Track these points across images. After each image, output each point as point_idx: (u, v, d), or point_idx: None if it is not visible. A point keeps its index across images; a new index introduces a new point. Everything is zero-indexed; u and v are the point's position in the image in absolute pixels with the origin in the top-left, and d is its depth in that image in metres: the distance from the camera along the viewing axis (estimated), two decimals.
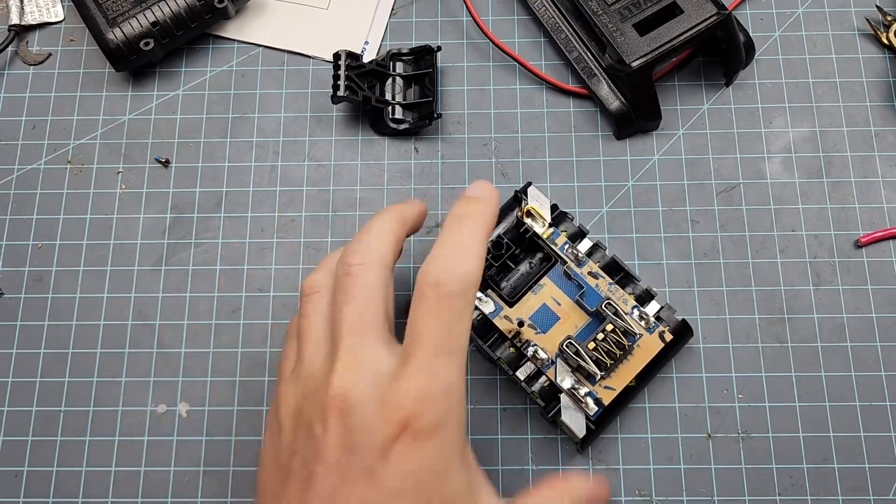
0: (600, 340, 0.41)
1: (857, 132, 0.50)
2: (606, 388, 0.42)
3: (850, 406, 0.44)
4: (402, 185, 0.49)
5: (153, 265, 0.48)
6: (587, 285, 0.44)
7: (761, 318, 0.46)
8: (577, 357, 0.41)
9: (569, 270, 0.44)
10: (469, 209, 0.36)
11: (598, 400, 0.42)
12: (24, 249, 0.48)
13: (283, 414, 0.34)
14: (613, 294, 0.44)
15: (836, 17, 0.52)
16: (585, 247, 0.45)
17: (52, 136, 0.51)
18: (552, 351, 0.43)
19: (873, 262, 0.47)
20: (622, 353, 0.42)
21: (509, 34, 0.53)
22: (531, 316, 0.43)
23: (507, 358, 0.43)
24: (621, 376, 0.42)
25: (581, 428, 0.41)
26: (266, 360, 0.46)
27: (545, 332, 0.43)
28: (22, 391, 0.46)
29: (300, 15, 0.53)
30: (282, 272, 0.48)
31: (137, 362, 0.46)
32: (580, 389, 0.42)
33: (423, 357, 0.31)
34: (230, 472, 0.44)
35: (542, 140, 0.50)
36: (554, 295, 0.44)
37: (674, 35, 0.46)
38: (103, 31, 0.49)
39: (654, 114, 0.49)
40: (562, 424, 0.42)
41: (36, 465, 0.44)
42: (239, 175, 0.50)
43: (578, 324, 0.43)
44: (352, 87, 0.49)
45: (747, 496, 0.43)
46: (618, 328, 0.42)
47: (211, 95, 0.52)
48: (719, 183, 0.49)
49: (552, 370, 0.42)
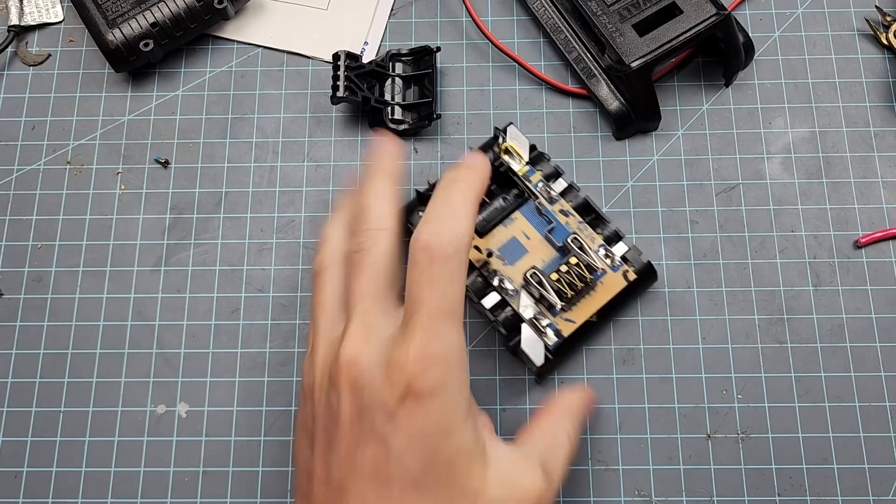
0: (563, 272, 0.43)
1: (857, 132, 0.50)
2: (567, 320, 0.43)
3: (850, 406, 0.44)
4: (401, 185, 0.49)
5: (153, 265, 0.48)
6: (557, 221, 0.45)
7: (761, 319, 0.46)
8: (540, 287, 0.42)
9: (540, 206, 0.45)
10: (460, 174, 0.37)
11: (558, 331, 0.43)
12: (24, 250, 0.48)
13: (306, 384, 0.36)
14: (582, 232, 0.45)
15: (836, 17, 0.52)
16: (560, 187, 0.46)
17: (52, 137, 0.51)
18: (518, 283, 0.44)
19: (873, 262, 0.47)
20: (584, 287, 0.43)
21: (509, 35, 0.53)
22: (500, 248, 0.45)
23: (473, 286, 0.44)
24: (582, 310, 0.44)
25: (539, 357, 0.42)
26: (266, 360, 0.46)
27: (512, 265, 0.44)
28: (22, 391, 0.46)
29: (299, 15, 0.53)
30: (281, 272, 0.48)
31: (137, 362, 0.46)
32: (542, 320, 0.43)
33: (420, 320, 0.33)
34: (230, 473, 0.44)
35: (542, 140, 0.50)
36: (524, 229, 0.45)
37: (673, 35, 0.46)
38: (103, 32, 0.49)
39: (654, 114, 0.49)
40: (521, 354, 0.43)
41: (36, 466, 0.44)
42: (238, 175, 0.50)
43: (545, 258, 0.45)
44: (351, 87, 0.49)
45: (747, 496, 0.43)
46: (582, 262, 0.43)
47: (210, 96, 0.52)
48: (719, 183, 0.49)
49: (516, 300, 0.43)
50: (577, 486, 0.43)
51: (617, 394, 0.45)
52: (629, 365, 0.45)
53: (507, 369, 0.45)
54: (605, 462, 0.44)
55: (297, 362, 0.46)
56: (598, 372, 0.45)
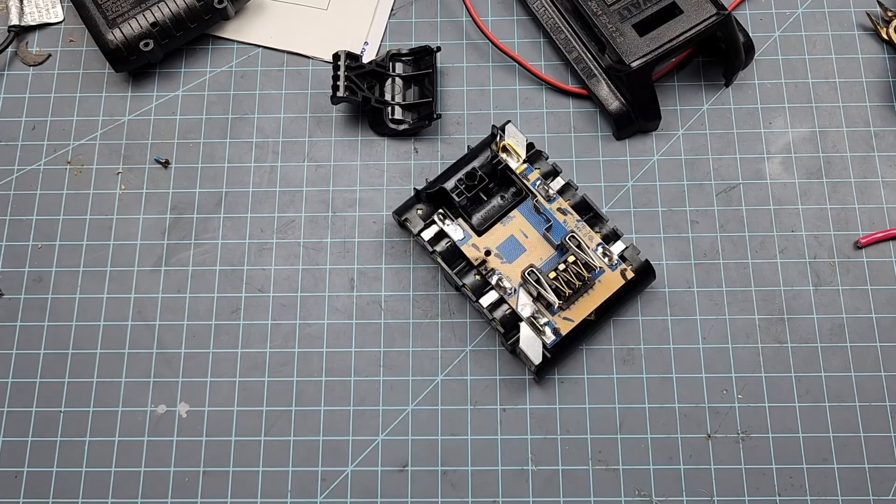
0: (561, 271, 0.43)
1: (857, 132, 0.50)
2: (565, 318, 0.43)
3: (850, 406, 0.44)
4: (401, 185, 0.49)
5: (153, 266, 0.48)
6: (555, 220, 0.45)
7: (761, 319, 0.46)
8: (538, 285, 0.42)
9: (538, 205, 0.45)
10: None
11: (556, 330, 0.43)
12: (24, 250, 0.48)
13: None
14: (580, 230, 0.45)
15: (836, 17, 0.52)
16: (558, 185, 0.46)
17: (52, 137, 0.51)
18: (516, 281, 0.44)
19: (873, 262, 0.47)
20: (581, 285, 0.43)
21: (509, 35, 0.53)
22: (498, 246, 0.45)
23: (472, 285, 0.44)
24: (580, 309, 0.44)
25: (538, 355, 0.42)
26: (266, 360, 0.46)
27: (510, 263, 0.45)
28: (22, 391, 0.46)
29: (300, 15, 0.53)
30: (281, 272, 0.48)
31: (137, 362, 0.46)
32: (540, 319, 0.43)
33: None
34: (230, 472, 0.44)
35: (542, 140, 0.50)
36: (522, 227, 0.45)
37: (673, 35, 0.46)
38: (103, 32, 0.49)
39: (654, 114, 0.49)
40: (520, 352, 0.43)
41: (36, 466, 0.44)
42: (238, 175, 0.50)
43: (543, 256, 0.45)
44: (351, 87, 0.49)
45: (747, 496, 0.43)
46: (579, 261, 0.43)
47: (210, 96, 0.52)
48: (719, 183, 0.49)
49: (514, 299, 0.43)
50: (577, 486, 0.43)
51: (617, 394, 0.45)
52: (629, 365, 0.45)
53: (507, 369, 0.45)
54: (606, 462, 0.44)
55: (298, 362, 0.46)
56: (598, 372, 0.45)
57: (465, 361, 0.45)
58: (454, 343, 0.46)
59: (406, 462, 0.44)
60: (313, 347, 0.46)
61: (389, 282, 0.47)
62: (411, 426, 0.44)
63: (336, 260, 0.48)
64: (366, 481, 0.44)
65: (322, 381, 0.45)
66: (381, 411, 0.45)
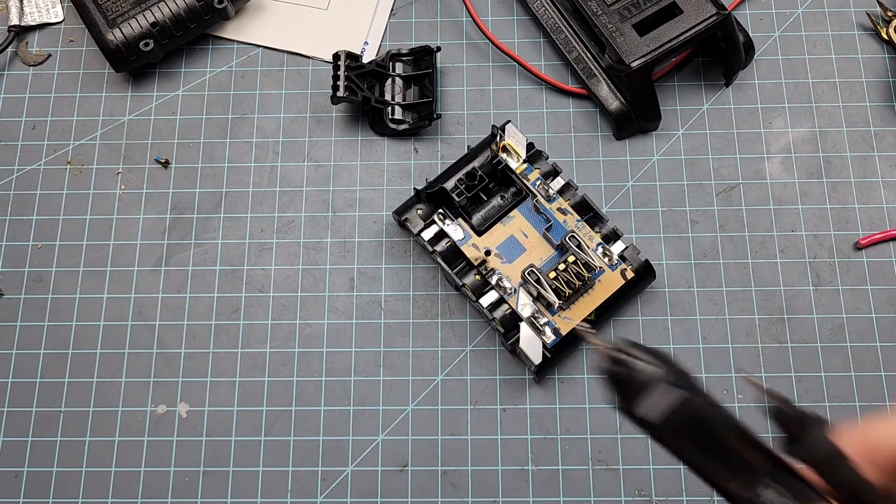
0: (561, 271, 0.43)
1: (857, 132, 0.50)
2: (565, 318, 0.43)
3: (850, 406, 0.44)
4: (401, 185, 0.49)
5: (153, 265, 0.48)
6: (555, 220, 0.45)
7: (761, 319, 0.46)
8: (538, 285, 0.42)
9: (538, 205, 0.45)
10: None
11: (556, 329, 0.43)
12: (24, 250, 0.48)
13: None
14: (580, 230, 0.45)
15: (836, 17, 0.52)
16: (558, 185, 0.46)
17: (52, 137, 0.51)
18: (516, 281, 0.44)
19: (873, 262, 0.47)
20: (581, 285, 0.43)
21: (509, 34, 0.53)
22: (498, 246, 0.45)
23: (472, 285, 0.44)
24: (581, 309, 0.44)
25: (538, 355, 0.42)
26: (266, 360, 0.46)
27: (510, 263, 0.45)
28: (22, 391, 0.46)
29: (300, 15, 0.53)
30: (281, 272, 0.48)
31: (137, 362, 0.46)
32: (540, 318, 0.43)
33: None
34: (230, 472, 0.44)
35: (542, 140, 0.50)
36: (522, 227, 0.45)
37: (673, 35, 0.46)
38: (103, 32, 0.49)
39: (654, 114, 0.49)
40: (520, 352, 0.43)
41: (36, 466, 0.44)
42: (239, 175, 0.50)
43: (544, 256, 0.45)
44: (351, 87, 0.49)
45: None
46: (579, 260, 0.43)
47: (210, 96, 0.52)
48: (719, 183, 0.49)
49: (514, 299, 0.44)
50: (577, 486, 0.43)
51: None
52: None
53: (507, 369, 0.45)
54: (606, 462, 0.44)
55: (298, 362, 0.46)
56: (598, 372, 0.45)
57: (465, 361, 0.45)
58: (454, 343, 0.46)
59: (406, 462, 0.44)
60: (313, 347, 0.46)
61: (389, 282, 0.47)
62: (411, 426, 0.44)
63: (336, 260, 0.48)
64: (366, 481, 0.44)
65: (322, 381, 0.45)
66: (381, 411, 0.45)
